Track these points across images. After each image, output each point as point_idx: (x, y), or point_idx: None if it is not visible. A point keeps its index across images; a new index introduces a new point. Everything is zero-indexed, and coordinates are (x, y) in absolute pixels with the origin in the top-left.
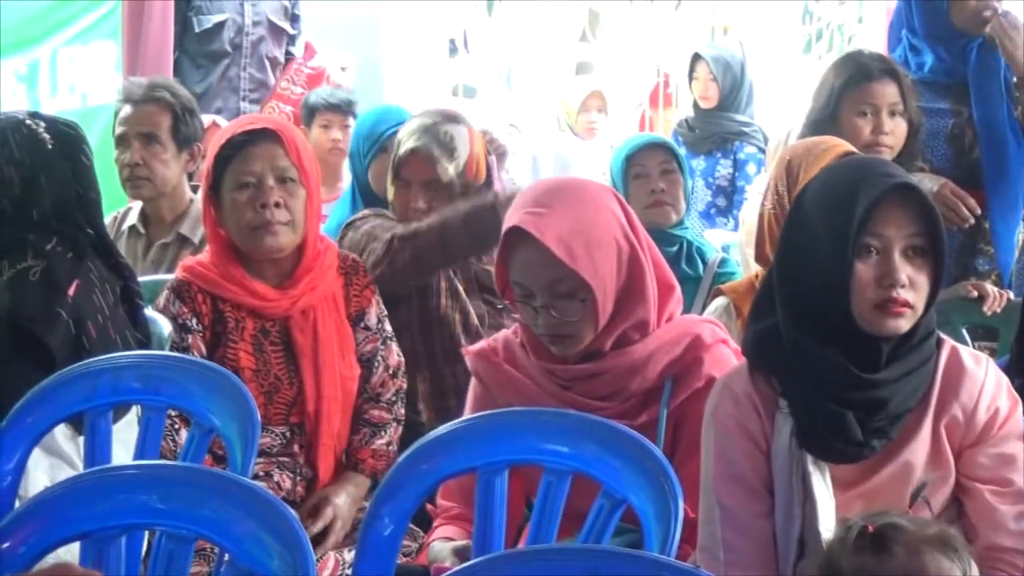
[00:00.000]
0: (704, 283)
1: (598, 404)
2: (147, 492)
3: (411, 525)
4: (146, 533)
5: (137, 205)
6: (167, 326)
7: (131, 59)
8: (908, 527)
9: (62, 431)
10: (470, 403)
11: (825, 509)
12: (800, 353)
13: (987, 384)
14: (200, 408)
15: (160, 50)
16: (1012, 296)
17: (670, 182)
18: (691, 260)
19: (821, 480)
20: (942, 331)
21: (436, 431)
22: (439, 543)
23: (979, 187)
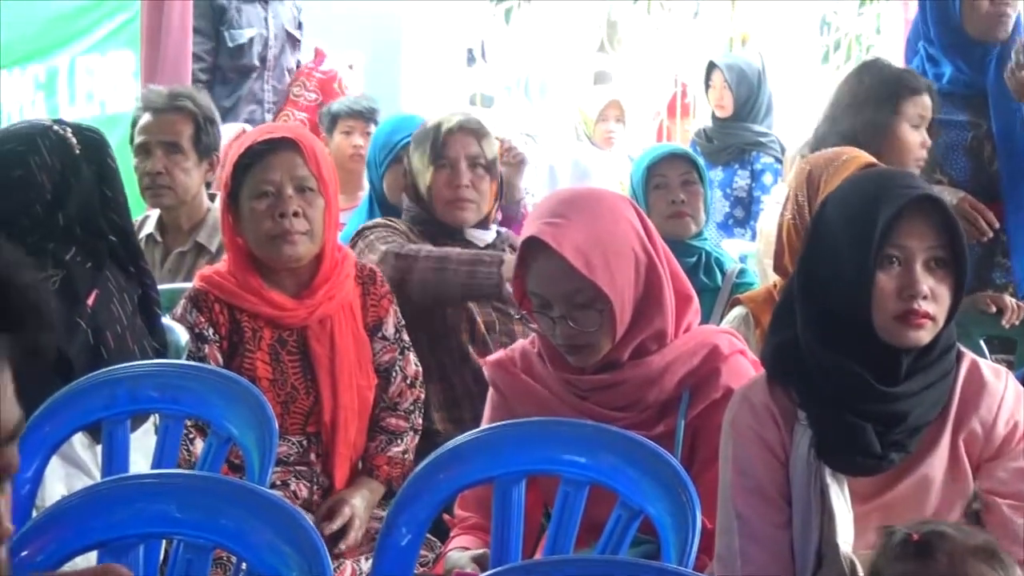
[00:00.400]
0: (722, 294)
1: (615, 414)
2: (165, 501)
3: (428, 535)
4: (163, 542)
5: (154, 214)
6: (184, 335)
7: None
8: (953, 535)
9: (79, 439)
10: (487, 413)
11: (843, 521)
12: (819, 365)
13: (1007, 397)
14: (218, 417)
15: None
16: None
17: (691, 193)
18: (709, 271)
19: (839, 492)
20: (960, 343)
21: (453, 441)
22: (456, 552)
23: (998, 200)
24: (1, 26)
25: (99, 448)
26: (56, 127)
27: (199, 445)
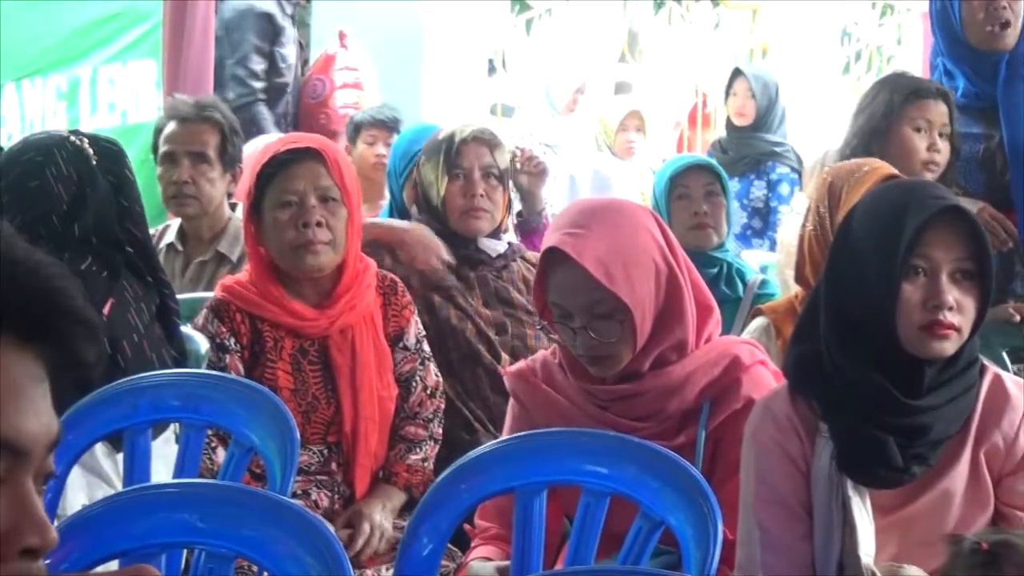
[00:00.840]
0: (744, 305)
1: (636, 425)
2: (187, 510)
3: (449, 545)
4: (185, 551)
5: (175, 223)
6: (204, 343)
7: (171, 78)
8: (1022, 545)
9: (100, 448)
10: (508, 423)
11: (865, 534)
12: (842, 377)
13: None
14: (239, 427)
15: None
16: None
17: (713, 204)
18: (731, 282)
19: (861, 505)
20: (982, 354)
21: (475, 451)
22: (478, 562)
23: (1012, 210)
24: (24, 36)
25: (119, 457)
26: (73, 138)
27: (221, 454)
